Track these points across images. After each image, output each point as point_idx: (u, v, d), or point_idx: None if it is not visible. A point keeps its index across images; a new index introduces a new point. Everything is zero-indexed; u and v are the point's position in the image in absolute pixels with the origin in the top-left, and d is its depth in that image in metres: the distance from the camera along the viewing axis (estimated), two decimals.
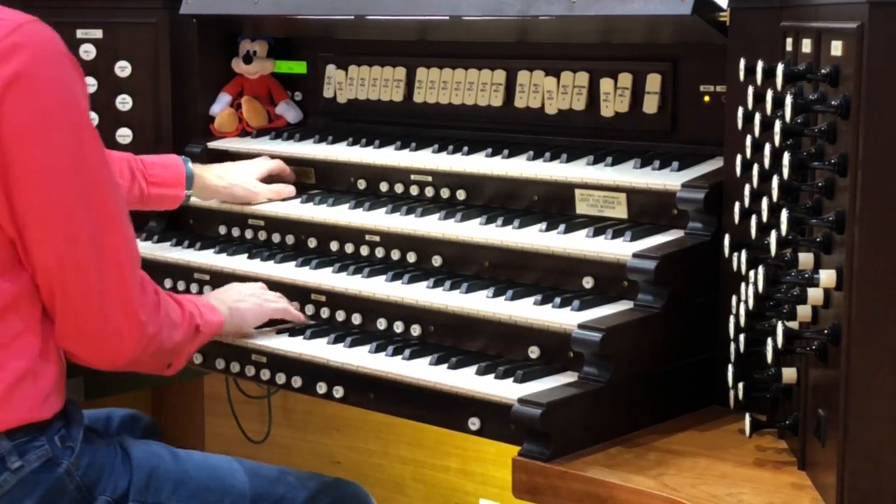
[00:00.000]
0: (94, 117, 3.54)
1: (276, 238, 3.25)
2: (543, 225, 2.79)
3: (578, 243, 2.69)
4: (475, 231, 2.85)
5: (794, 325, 2.23)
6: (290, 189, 3.31)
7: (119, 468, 2.52)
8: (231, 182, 3.28)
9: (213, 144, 3.56)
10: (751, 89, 2.38)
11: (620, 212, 2.81)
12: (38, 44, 2.31)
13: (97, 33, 3.57)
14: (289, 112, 3.64)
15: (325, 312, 2.94)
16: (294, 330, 2.89)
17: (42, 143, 2.30)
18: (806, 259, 2.19)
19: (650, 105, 2.92)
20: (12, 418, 2.37)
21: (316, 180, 3.38)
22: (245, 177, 3.29)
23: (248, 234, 3.31)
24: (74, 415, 2.51)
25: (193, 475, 2.60)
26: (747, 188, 2.39)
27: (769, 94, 2.29)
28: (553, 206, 2.91)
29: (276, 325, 2.92)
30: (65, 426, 2.46)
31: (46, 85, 2.30)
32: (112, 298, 2.39)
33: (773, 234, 2.20)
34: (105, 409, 2.90)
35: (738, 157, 2.43)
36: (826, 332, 2.11)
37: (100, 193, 2.39)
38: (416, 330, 2.79)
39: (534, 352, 2.61)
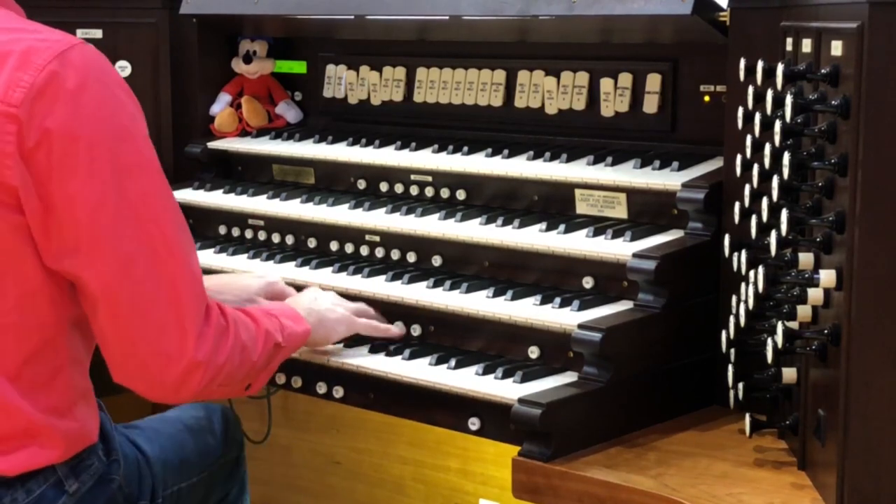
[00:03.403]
0: None
1: (276, 238, 3.25)
2: (543, 225, 2.79)
3: (578, 243, 2.69)
4: (475, 231, 2.85)
5: (794, 325, 2.23)
6: None
7: (144, 469, 2.47)
8: None
9: (213, 144, 3.56)
10: (751, 89, 2.38)
11: (620, 212, 2.80)
12: (81, 72, 2.12)
13: (97, 33, 3.57)
14: (289, 112, 3.64)
15: None
16: (391, 350, 2.72)
17: (85, 174, 2.11)
18: (806, 259, 2.19)
19: (650, 105, 2.92)
20: (75, 445, 2.27)
21: (316, 180, 3.38)
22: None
23: (248, 234, 3.31)
24: (107, 423, 2.41)
25: (178, 451, 2.59)
26: (747, 188, 2.39)
27: (769, 94, 2.29)
28: (553, 206, 2.91)
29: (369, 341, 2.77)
30: (101, 439, 2.35)
31: (91, 113, 2.11)
32: (170, 338, 2.20)
33: (773, 234, 2.20)
34: (202, 405, 2.75)
35: (738, 157, 2.43)
36: (826, 332, 2.11)
37: (154, 228, 2.18)
38: (416, 330, 2.79)
39: (534, 352, 2.61)
